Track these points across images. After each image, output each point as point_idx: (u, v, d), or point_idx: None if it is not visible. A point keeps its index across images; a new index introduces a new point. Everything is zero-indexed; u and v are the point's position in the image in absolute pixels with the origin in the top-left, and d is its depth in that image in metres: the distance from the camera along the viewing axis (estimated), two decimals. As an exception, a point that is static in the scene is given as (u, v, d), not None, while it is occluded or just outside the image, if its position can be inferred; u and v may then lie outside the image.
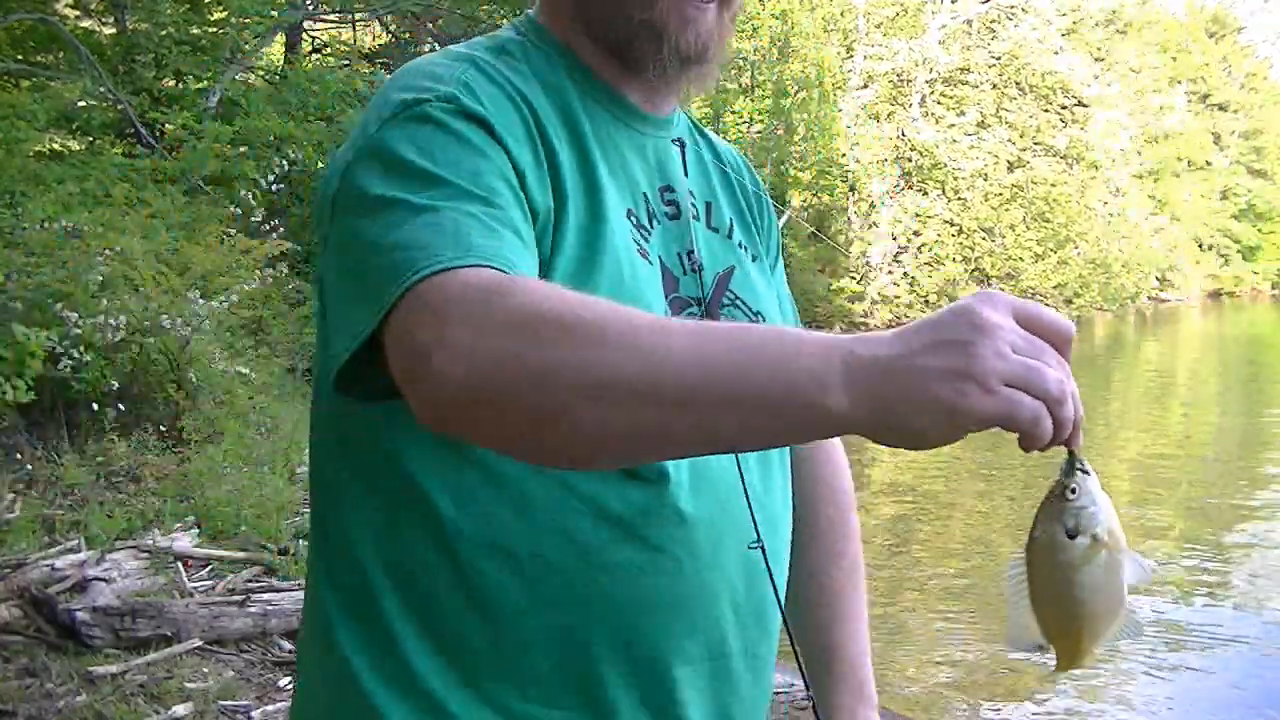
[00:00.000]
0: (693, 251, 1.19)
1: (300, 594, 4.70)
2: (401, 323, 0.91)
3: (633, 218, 1.15)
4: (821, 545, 1.33)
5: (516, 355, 0.84)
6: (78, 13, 13.87)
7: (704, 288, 1.18)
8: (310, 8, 15.97)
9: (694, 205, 1.23)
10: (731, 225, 1.27)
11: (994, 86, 33.74)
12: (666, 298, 1.15)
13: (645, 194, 1.18)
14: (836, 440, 1.40)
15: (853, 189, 30.71)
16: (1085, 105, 36.38)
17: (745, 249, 1.27)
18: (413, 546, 1.08)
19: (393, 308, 0.91)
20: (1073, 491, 0.84)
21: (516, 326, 0.86)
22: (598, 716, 1.09)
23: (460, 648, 1.07)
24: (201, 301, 7.59)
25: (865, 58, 30.97)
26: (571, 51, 1.17)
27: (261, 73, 15.63)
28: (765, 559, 1.17)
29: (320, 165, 13.44)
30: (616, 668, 1.08)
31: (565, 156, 1.09)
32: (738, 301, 1.21)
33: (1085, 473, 0.84)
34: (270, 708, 3.92)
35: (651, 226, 1.17)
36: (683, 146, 1.26)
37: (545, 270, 1.04)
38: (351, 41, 19.81)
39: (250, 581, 5.07)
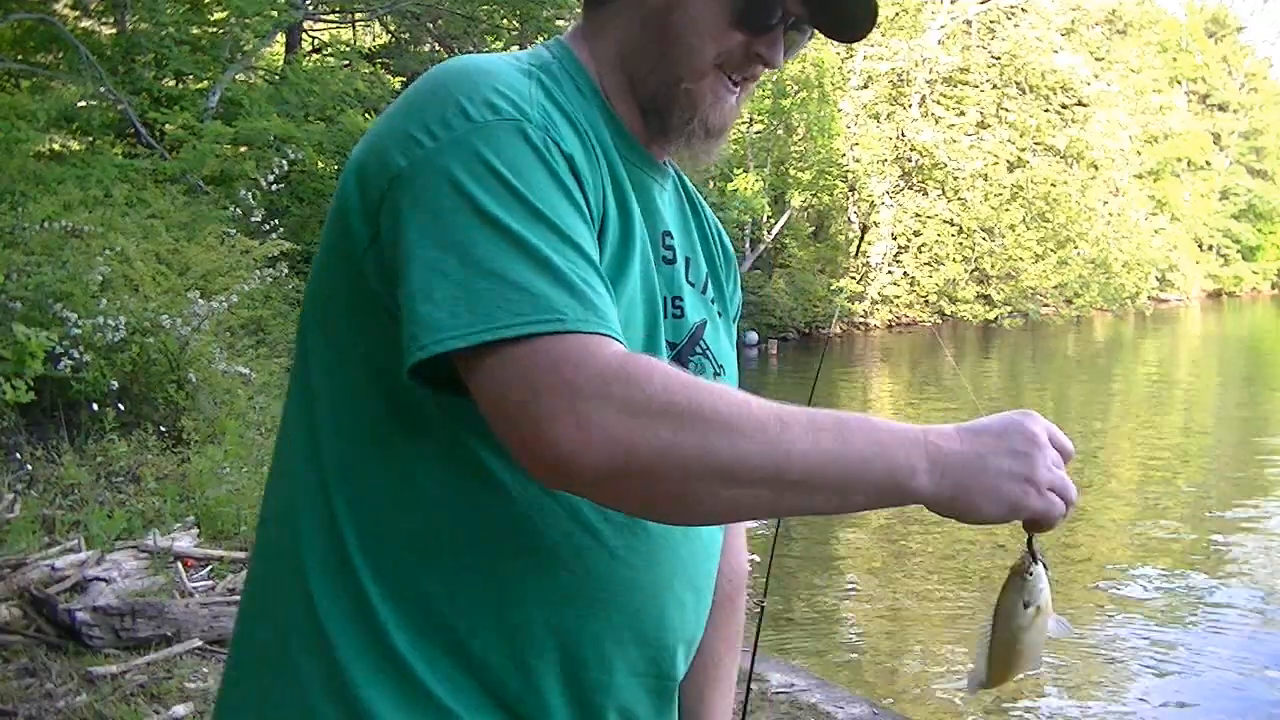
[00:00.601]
0: (680, 298, 1.25)
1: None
2: (515, 371, 0.96)
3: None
4: (712, 619, 1.38)
5: (663, 445, 0.95)
6: (78, 13, 13.87)
7: (680, 334, 1.24)
8: (310, 8, 15.96)
9: (676, 255, 1.28)
10: (706, 281, 1.33)
11: (994, 86, 33.75)
12: (662, 336, 1.20)
13: (653, 238, 1.23)
14: None
15: (853, 189, 30.72)
16: (1085, 105, 36.38)
17: (715, 304, 1.33)
18: (403, 524, 1.11)
19: (499, 342, 0.96)
20: (1030, 573, 1.13)
21: (659, 415, 0.95)
22: (532, 707, 1.12)
23: (432, 622, 1.10)
24: (201, 301, 7.59)
25: (865, 58, 30.97)
26: (600, 90, 1.21)
27: (261, 73, 15.64)
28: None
29: (320, 165, 13.46)
30: (553, 664, 1.12)
31: (609, 193, 1.14)
32: (707, 353, 1.27)
33: (1043, 564, 1.13)
34: (270, 708, 3.92)
35: (656, 270, 1.22)
36: (670, 191, 1.31)
37: None
38: (351, 41, 19.81)
39: (250, 581, 5.06)
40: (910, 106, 32.06)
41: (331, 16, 18.05)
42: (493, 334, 0.96)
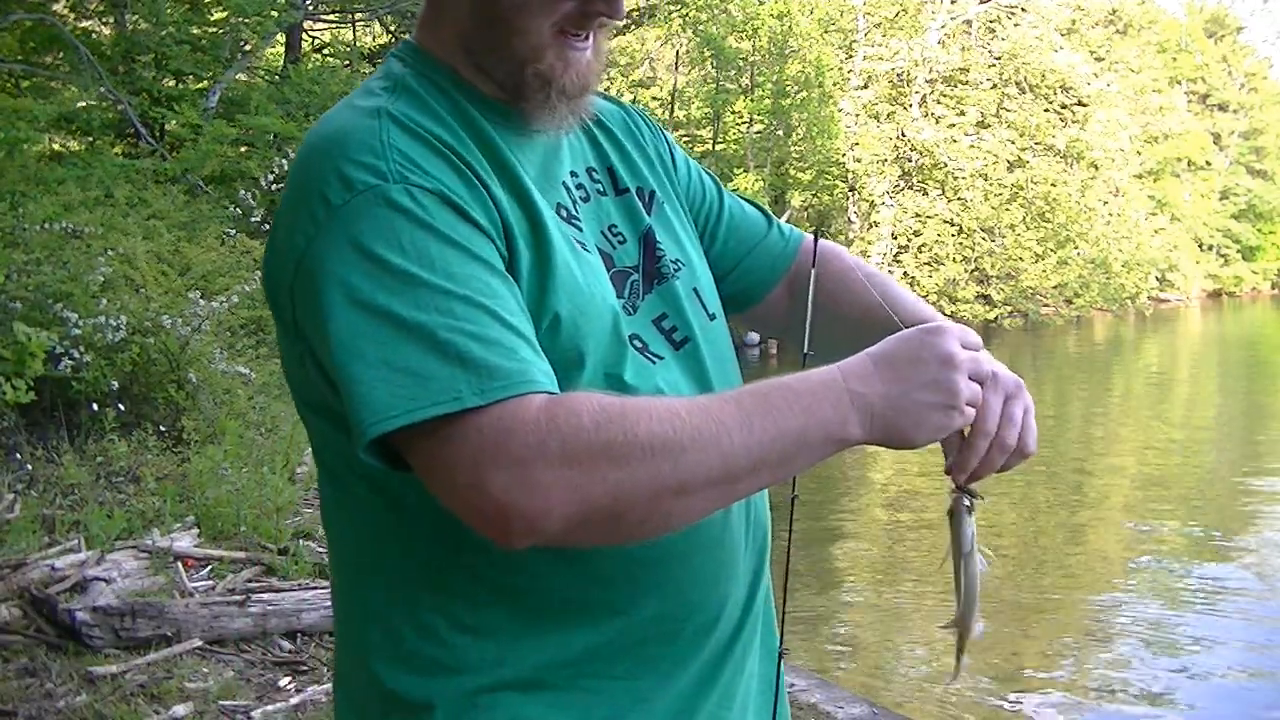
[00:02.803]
0: (614, 225, 1.25)
1: (301, 594, 4.69)
2: (453, 454, 0.97)
3: (563, 212, 1.20)
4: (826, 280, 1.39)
5: (614, 484, 0.97)
6: (76, 14, 13.86)
7: (632, 255, 1.25)
8: (310, 8, 15.96)
9: (598, 180, 1.28)
10: (634, 179, 1.31)
11: (994, 86, 33.72)
12: (609, 274, 1.21)
13: (566, 185, 1.23)
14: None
15: (853, 189, 30.71)
16: (1085, 104, 36.35)
17: (653, 197, 1.32)
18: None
19: (420, 426, 0.97)
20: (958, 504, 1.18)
21: (603, 457, 0.97)
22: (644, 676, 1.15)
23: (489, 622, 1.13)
24: (202, 302, 7.58)
25: (865, 58, 30.96)
26: (459, 75, 1.19)
27: (262, 72, 15.63)
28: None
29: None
30: (653, 632, 1.15)
31: (498, 190, 1.12)
32: (664, 258, 1.27)
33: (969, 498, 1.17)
34: (270, 708, 3.92)
35: (579, 214, 1.22)
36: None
37: None
38: (351, 41, 19.80)
39: (250, 581, 5.06)
40: (910, 106, 32.05)
41: (331, 16, 18.04)
42: (389, 424, 0.97)
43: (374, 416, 0.98)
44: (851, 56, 30.86)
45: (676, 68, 28.95)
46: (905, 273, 31.24)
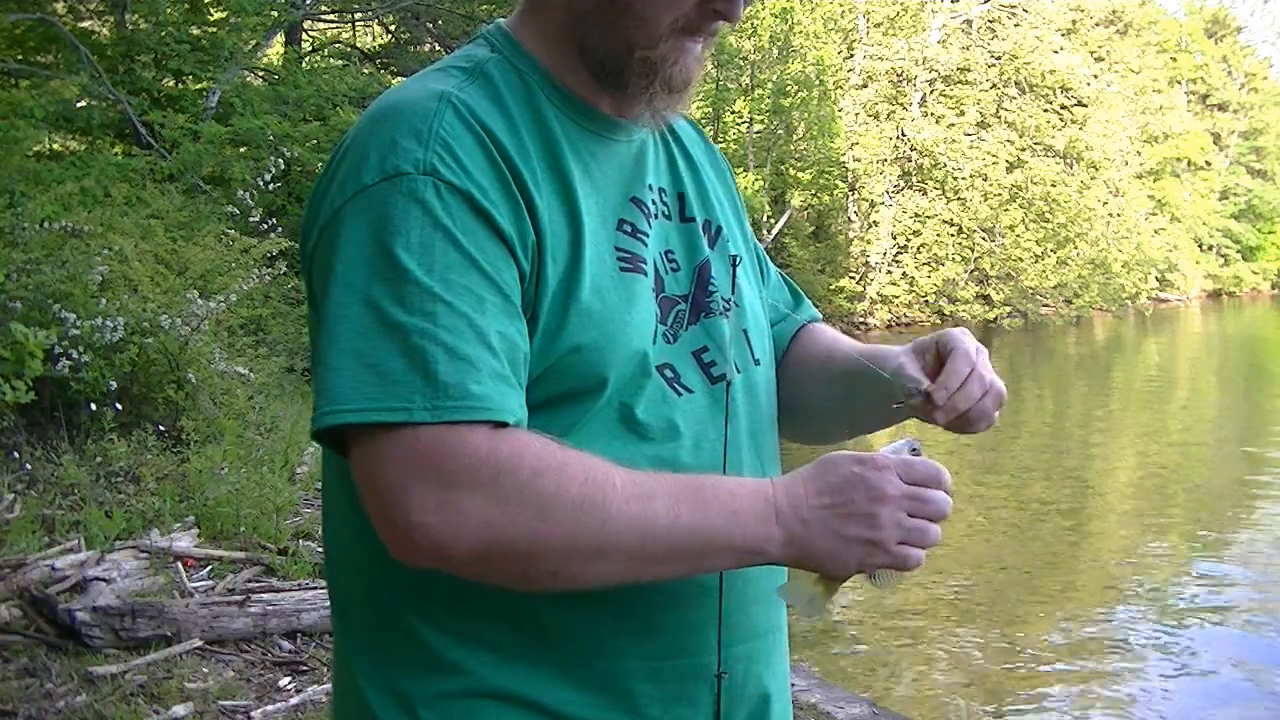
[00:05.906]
0: (670, 251, 1.23)
1: (300, 594, 4.69)
2: (385, 457, 0.97)
3: (626, 227, 1.17)
4: (808, 351, 1.40)
5: (531, 532, 0.97)
6: (75, 14, 13.84)
7: (683, 284, 1.22)
8: (310, 7, 15.95)
9: (666, 203, 1.25)
10: (703, 211, 1.29)
11: (994, 86, 33.73)
12: (656, 298, 1.18)
13: (639, 199, 1.20)
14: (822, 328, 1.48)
15: (853, 189, 30.72)
16: (1085, 105, 36.37)
17: (719, 233, 1.29)
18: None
19: (365, 427, 0.98)
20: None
21: (529, 504, 0.97)
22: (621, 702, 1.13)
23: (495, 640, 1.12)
24: (200, 301, 7.56)
25: (866, 57, 30.97)
26: (546, 68, 1.17)
27: (261, 73, 15.61)
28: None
29: (318, 166, 13.41)
30: (642, 663, 1.12)
31: (544, 199, 1.10)
32: (715, 294, 1.24)
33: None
34: (270, 708, 3.92)
35: (648, 229, 1.20)
36: (648, 142, 1.26)
37: (531, 319, 1.06)
38: (351, 41, 19.80)
39: (250, 581, 5.06)
40: (910, 106, 32.05)
41: (331, 16, 18.04)
42: (338, 419, 0.98)
43: (328, 405, 0.99)
44: (852, 56, 30.86)
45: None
46: (905, 273, 31.26)
